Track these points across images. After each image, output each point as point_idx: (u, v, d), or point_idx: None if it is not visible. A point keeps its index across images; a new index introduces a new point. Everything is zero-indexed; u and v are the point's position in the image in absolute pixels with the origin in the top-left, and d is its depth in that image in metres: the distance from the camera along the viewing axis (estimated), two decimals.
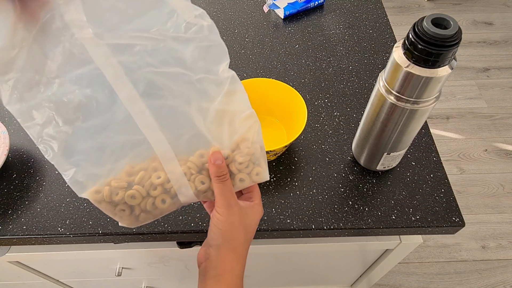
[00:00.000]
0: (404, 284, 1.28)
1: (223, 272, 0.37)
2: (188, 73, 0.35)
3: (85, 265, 0.76)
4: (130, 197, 0.36)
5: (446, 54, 0.37)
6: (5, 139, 0.57)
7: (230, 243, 0.38)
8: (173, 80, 0.35)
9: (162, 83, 0.34)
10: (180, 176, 0.37)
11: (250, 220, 0.40)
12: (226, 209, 0.37)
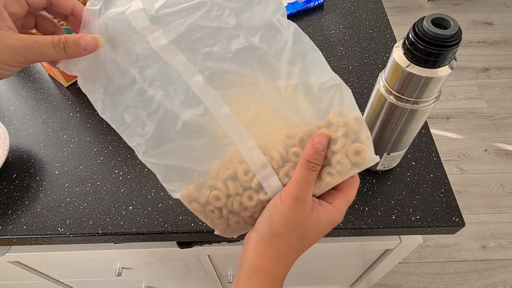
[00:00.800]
0: (404, 284, 1.28)
1: (257, 268, 0.31)
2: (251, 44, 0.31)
3: (85, 265, 0.76)
4: (215, 198, 0.33)
5: (446, 54, 0.37)
6: (5, 139, 0.57)
7: (276, 239, 0.31)
8: (240, 60, 0.32)
9: (229, 67, 0.31)
10: (264, 167, 0.32)
11: (314, 226, 0.32)
12: (291, 199, 0.31)
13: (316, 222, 0.32)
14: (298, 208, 0.31)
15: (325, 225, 0.32)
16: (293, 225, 0.31)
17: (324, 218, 0.32)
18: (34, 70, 0.74)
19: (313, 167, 0.31)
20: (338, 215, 0.32)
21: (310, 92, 0.31)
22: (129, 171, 0.58)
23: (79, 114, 0.66)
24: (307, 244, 0.33)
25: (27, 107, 0.68)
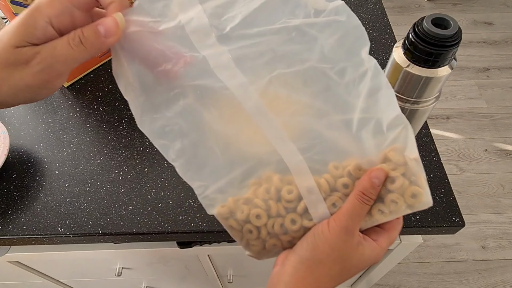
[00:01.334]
0: (404, 284, 1.28)
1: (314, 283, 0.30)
2: (322, 66, 0.30)
3: (85, 265, 0.76)
4: (255, 216, 0.32)
5: (446, 54, 0.37)
6: (5, 139, 0.57)
7: (318, 267, 0.30)
8: (303, 80, 0.31)
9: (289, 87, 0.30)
10: (312, 192, 0.31)
11: (357, 261, 0.30)
12: (341, 229, 0.30)
13: (360, 258, 0.31)
14: (346, 240, 0.30)
15: (367, 261, 0.31)
16: (337, 256, 0.30)
17: (368, 254, 0.31)
18: None
19: (367, 200, 0.30)
20: (381, 253, 0.31)
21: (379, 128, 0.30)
22: (129, 171, 0.58)
23: (79, 114, 0.66)
24: (345, 277, 0.31)
25: (27, 107, 0.68)
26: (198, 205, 0.54)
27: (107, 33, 0.26)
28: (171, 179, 0.57)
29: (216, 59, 0.29)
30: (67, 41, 0.26)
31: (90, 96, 0.69)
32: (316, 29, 0.30)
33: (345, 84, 0.31)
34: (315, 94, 0.31)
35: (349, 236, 0.30)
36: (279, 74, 0.30)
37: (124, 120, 0.65)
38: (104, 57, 0.74)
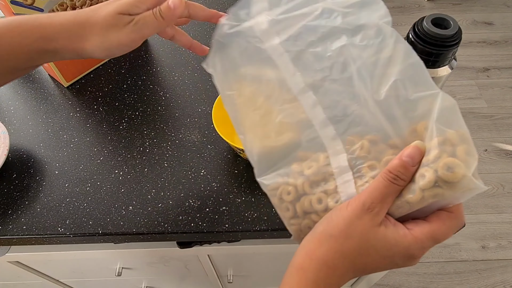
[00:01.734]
0: (404, 284, 1.28)
1: (299, 267, 0.29)
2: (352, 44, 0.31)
3: (85, 265, 0.76)
4: (286, 192, 0.33)
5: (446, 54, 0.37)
6: (5, 139, 0.57)
7: (328, 241, 0.28)
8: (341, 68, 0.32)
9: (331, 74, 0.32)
10: (346, 172, 0.30)
11: (377, 243, 0.27)
12: (358, 205, 0.27)
13: (381, 240, 0.27)
14: (363, 217, 0.27)
15: (393, 249, 0.27)
16: (351, 232, 0.27)
17: (393, 239, 0.27)
18: (34, 70, 0.74)
19: (394, 179, 0.27)
20: (414, 244, 0.27)
21: (407, 97, 0.28)
22: (129, 171, 0.58)
23: (79, 114, 0.66)
24: (364, 263, 0.28)
25: (27, 107, 0.68)
26: (198, 205, 0.54)
27: (175, 6, 0.36)
28: (171, 179, 0.57)
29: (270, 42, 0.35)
30: (152, 13, 0.36)
31: (90, 96, 0.69)
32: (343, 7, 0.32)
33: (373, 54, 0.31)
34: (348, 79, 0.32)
35: (368, 213, 0.27)
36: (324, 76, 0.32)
37: (124, 120, 0.65)
38: None
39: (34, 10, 0.59)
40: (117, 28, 0.34)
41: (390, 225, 0.27)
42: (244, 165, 0.58)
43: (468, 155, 0.25)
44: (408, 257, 0.27)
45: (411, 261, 0.28)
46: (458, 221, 0.27)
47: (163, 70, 0.73)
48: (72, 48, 0.35)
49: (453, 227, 0.27)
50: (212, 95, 0.68)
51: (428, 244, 0.27)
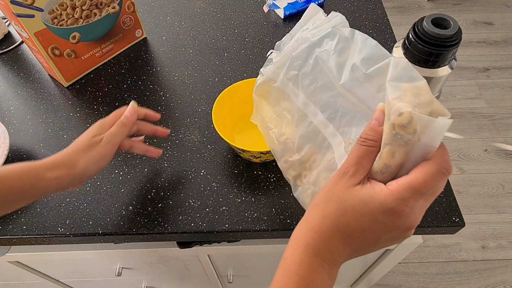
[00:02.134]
0: (404, 284, 1.28)
1: (293, 238, 0.31)
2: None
3: (85, 265, 0.76)
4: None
5: (446, 54, 0.37)
6: (5, 139, 0.57)
7: (313, 209, 0.30)
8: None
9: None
10: (342, 157, 0.34)
11: (354, 201, 0.28)
12: (336, 174, 0.29)
13: (357, 198, 0.28)
14: (340, 182, 0.29)
15: (369, 205, 0.27)
16: (331, 196, 0.29)
17: (368, 195, 0.27)
18: (34, 70, 0.74)
19: (363, 141, 0.28)
20: (390, 197, 0.26)
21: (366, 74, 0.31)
22: (129, 171, 0.58)
23: (79, 114, 0.66)
24: (346, 222, 0.28)
25: (27, 107, 0.68)
26: (198, 205, 0.54)
27: (131, 114, 0.48)
28: (171, 179, 0.57)
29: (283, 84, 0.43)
30: (116, 124, 0.47)
31: (90, 96, 0.69)
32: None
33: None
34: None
35: (344, 178, 0.28)
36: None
37: None
38: (104, 57, 0.74)
39: (34, 9, 0.59)
40: (95, 146, 0.45)
41: (367, 184, 0.28)
42: (244, 165, 0.58)
43: (415, 96, 0.26)
44: (389, 212, 0.26)
45: (397, 217, 0.26)
46: (438, 166, 0.26)
47: (163, 70, 0.73)
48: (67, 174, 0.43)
49: (434, 173, 0.26)
50: (212, 95, 0.68)
51: (406, 194, 0.26)
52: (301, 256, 0.29)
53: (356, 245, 0.29)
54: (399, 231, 0.28)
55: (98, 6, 0.67)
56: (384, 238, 0.28)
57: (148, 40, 0.79)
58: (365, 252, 0.30)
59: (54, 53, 0.66)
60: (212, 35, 0.80)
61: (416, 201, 0.26)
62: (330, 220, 0.29)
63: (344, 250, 0.29)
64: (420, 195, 0.26)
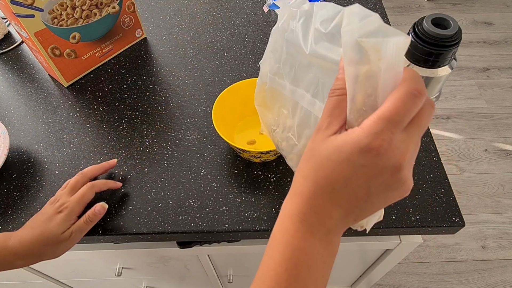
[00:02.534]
0: (404, 284, 1.28)
1: (281, 209, 0.30)
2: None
3: (85, 265, 0.76)
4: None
5: (446, 54, 0.37)
6: (5, 139, 0.57)
7: (295, 175, 0.29)
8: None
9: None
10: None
11: (328, 151, 0.25)
12: (313, 133, 0.28)
13: (331, 147, 0.25)
14: (316, 138, 0.27)
15: (343, 149, 0.24)
16: (308, 155, 0.27)
17: (341, 141, 0.25)
18: (34, 70, 0.74)
19: (332, 92, 0.26)
20: (362, 134, 0.24)
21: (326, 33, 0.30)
22: (129, 171, 0.58)
23: (79, 114, 0.66)
24: (325, 177, 0.25)
25: (27, 107, 0.68)
26: (198, 205, 0.54)
27: (100, 212, 0.50)
28: (171, 179, 0.57)
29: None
30: (83, 221, 0.49)
31: (90, 96, 0.69)
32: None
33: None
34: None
35: (318, 133, 0.27)
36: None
37: (124, 120, 0.65)
38: (104, 57, 0.74)
39: (34, 9, 0.59)
40: (64, 242, 0.47)
41: (343, 132, 0.26)
42: (244, 165, 0.58)
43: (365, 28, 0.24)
44: (364, 150, 0.23)
45: (375, 155, 0.23)
46: (405, 89, 0.23)
47: (163, 70, 0.73)
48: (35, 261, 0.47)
49: (402, 97, 0.23)
50: (212, 95, 0.68)
51: (378, 127, 0.23)
52: (285, 224, 0.27)
53: (345, 201, 0.26)
54: (387, 174, 0.24)
55: (98, 6, 0.67)
56: (375, 188, 0.25)
57: (148, 40, 0.79)
58: (360, 211, 0.26)
59: (54, 53, 0.66)
60: (212, 35, 0.80)
61: (393, 133, 0.23)
62: (310, 179, 0.26)
63: (334, 211, 0.26)
64: (394, 124, 0.23)
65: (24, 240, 0.46)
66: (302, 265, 0.26)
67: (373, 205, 0.26)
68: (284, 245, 0.27)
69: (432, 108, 0.25)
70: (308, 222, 0.27)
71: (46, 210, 0.49)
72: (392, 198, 0.26)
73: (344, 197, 0.26)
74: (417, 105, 0.23)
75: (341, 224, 0.27)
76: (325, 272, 0.28)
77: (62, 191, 0.52)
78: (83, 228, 0.49)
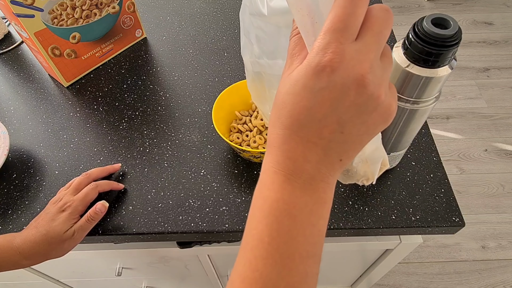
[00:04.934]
0: (404, 284, 1.28)
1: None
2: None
3: (85, 265, 0.76)
4: None
5: (446, 54, 0.37)
6: (5, 139, 0.57)
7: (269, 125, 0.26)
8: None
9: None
10: None
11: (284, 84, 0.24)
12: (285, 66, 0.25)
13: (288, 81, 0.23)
14: (281, 82, 0.24)
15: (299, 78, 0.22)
16: (275, 100, 0.25)
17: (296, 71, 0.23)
18: (34, 70, 0.74)
19: (291, 33, 0.25)
20: (311, 56, 0.22)
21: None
22: (129, 171, 0.58)
23: (79, 114, 0.66)
24: (289, 113, 0.23)
25: (27, 107, 0.68)
26: (198, 205, 0.54)
27: (101, 210, 0.50)
28: (171, 179, 0.57)
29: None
30: (85, 220, 0.49)
31: (90, 96, 0.69)
32: None
33: None
34: None
35: (282, 77, 0.24)
36: None
37: (124, 120, 0.65)
38: (104, 57, 0.74)
39: (34, 9, 0.59)
40: (67, 240, 0.47)
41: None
42: (244, 165, 0.58)
43: None
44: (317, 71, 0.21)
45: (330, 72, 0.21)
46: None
47: (163, 70, 0.73)
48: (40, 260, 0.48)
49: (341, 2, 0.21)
50: (212, 95, 0.68)
51: (325, 39, 0.21)
52: (262, 179, 0.25)
53: (316, 137, 0.23)
54: (351, 92, 0.21)
55: (98, 6, 0.67)
56: (344, 113, 0.22)
57: (148, 40, 0.79)
58: (340, 145, 0.23)
59: (54, 53, 0.66)
60: (212, 35, 0.80)
61: (342, 44, 0.21)
62: (277, 123, 0.24)
63: (308, 152, 0.23)
64: (340, 33, 0.21)
65: (28, 239, 0.46)
66: (283, 217, 0.24)
67: (352, 135, 0.23)
68: (262, 200, 0.25)
69: (385, 12, 0.22)
70: (284, 171, 0.24)
71: (49, 210, 0.49)
72: (373, 123, 0.23)
73: (313, 132, 0.23)
74: (359, 6, 0.21)
75: (324, 168, 0.24)
76: (315, 222, 0.24)
77: (65, 190, 0.52)
78: (86, 226, 0.49)
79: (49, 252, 0.47)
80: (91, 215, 0.50)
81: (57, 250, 0.47)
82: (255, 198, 0.26)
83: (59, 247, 0.47)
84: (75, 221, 0.49)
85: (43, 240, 0.46)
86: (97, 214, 0.50)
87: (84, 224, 0.49)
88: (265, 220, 0.24)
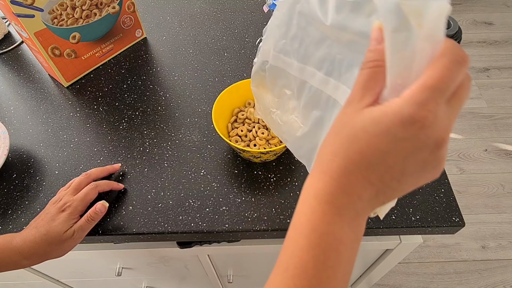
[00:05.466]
0: (404, 284, 1.28)
1: (303, 189, 0.27)
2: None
3: (85, 265, 0.76)
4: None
5: None
6: (5, 139, 0.57)
7: (321, 149, 0.26)
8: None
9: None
10: None
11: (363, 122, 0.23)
12: (343, 106, 0.25)
13: (367, 118, 0.23)
14: (347, 110, 0.24)
15: (383, 121, 0.22)
16: (339, 128, 0.24)
17: (380, 112, 0.22)
18: (34, 70, 0.74)
19: (364, 65, 0.24)
20: (404, 105, 0.21)
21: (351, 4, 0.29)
22: (129, 171, 0.58)
23: (79, 114, 0.66)
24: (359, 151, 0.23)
25: (27, 107, 0.68)
26: (198, 205, 0.54)
27: (100, 211, 0.51)
28: (171, 179, 0.57)
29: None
30: (85, 220, 0.49)
31: (90, 96, 0.69)
32: None
33: None
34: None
35: (350, 105, 0.24)
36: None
37: (124, 120, 0.65)
38: (104, 57, 0.74)
39: (34, 9, 0.59)
40: (67, 241, 0.48)
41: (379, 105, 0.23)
42: (244, 165, 0.58)
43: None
44: (407, 121, 0.21)
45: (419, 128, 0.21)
46: (449, 56, 0.21)
47: (163, 70, 0.73)
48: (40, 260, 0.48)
49: (447, 64, 0.21)
50: (212, 95, 0.68)
51: (423, 96, 0.21)
52: (312, 205, 0.25)
53: (378, 180, 0.23)
54: (427, 150, 0.22)
55: (98, 6, 0.67)
56: (411, 165, 0.23)
57: (148, 40, 0.79)
58: (391, 191, 0.24)
59: (54, 53, 0.66)
60: (212, 35, 0.80)
61: (438, 104, 0.21)
62: (341, 153, 0.24)
63: (365, 191, 0.24)
64: (440, 94, 0.21)
65: (28, 239, 0.46)
66: (330, 252, 0.24)
67: (406, 185, 0.24)
68: (311, 229, 0.24)
69: (470, 82, 0.23)
70: (337, 203, 0.24)
71: (49, 210, 0.49)
72: (424, 179, 0.24)
73: (378, 175, 0.23)
74: (462, 73, 0.22)
75: (369, 207, 0.24)
76: (353, 259, 0.25)
77: (65, 190, 0.52)
78: (85, 226, 0.49)
79: (49, 252, 0.47)
80: (91, 215, 0.50)
81: (57, 250, 0.47)
82: (300, 223, 0.25)
83: (59, 247, 0.47)
84: (75, 221, 0.49)
85: (43, 240, 0.46)
86: (97, 214, 0.50)
87: (84, 224, 0.49)
88: (312, 251, 0.24)
